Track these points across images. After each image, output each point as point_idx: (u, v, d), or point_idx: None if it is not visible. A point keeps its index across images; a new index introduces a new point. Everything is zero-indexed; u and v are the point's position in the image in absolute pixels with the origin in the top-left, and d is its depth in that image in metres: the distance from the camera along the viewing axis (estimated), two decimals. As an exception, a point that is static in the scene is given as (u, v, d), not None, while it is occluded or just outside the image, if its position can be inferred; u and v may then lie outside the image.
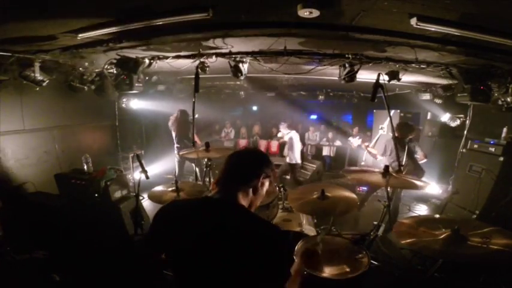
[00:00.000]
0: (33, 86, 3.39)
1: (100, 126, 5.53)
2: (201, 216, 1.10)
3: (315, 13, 1.91)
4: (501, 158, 3.71)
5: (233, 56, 3.25)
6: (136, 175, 2.92)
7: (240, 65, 3.28)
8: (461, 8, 1.84)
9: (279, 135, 6.27)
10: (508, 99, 3.54)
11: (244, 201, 1.18)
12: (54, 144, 4.45)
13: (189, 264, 1.06)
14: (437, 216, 2.65)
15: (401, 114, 6.36)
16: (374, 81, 2.79)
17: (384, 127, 6.56)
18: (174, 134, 5.77)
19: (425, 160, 4.31)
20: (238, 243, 1.02)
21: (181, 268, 1.10)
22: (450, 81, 3.75)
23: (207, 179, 3.39)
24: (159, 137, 7.22)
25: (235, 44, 2.93)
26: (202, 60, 3.23)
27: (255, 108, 11.42)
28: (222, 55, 3.25)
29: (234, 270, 1.01)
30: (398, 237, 1.79)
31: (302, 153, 5.99)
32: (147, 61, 3.47)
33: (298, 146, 5.60)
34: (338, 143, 8.23)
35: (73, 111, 4.77)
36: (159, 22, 2.13)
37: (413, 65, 3.23)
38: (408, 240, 1.73)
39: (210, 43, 2.89)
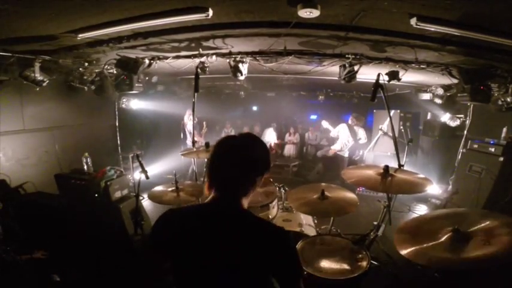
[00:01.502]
0: (33, 86, 3.39)
1: (100, 127, 5.52)
2: (206, 226, 1.04)
3: (315, 13, 1.91)
4: (501, 158, 3.70)
5: (233, 56, 3.25)
6: (136, 175, 2.92)
7: (240, 65, 3.28)
8: (461, 8, 1.84)
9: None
10: (508, 99, 3.54)
11: (245, 203, 1.12)
12: (54, 144, 4.45)
13: (198, 275, 1.03)
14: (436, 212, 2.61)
15: (402, 114, 6.34)
16: (374, 81, 2.78)
17: (384, 127, 6.54)
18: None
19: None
20: (248, 251, 0.99)
21: (188, 278, 1.06)
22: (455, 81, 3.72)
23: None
24: (159, 137, 7.20)
25: (235, 44, 2.93)
26: (202, 60, 3.24)
27: (255, 108, 11.39)
28: (222, 55, 3.25)
29: (246, 278, 1.00)
30: (398, 247, 1.74)
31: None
32: (147, 61, 3.47)
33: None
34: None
35: (73, 111, 4.76)
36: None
37: (413, 65, 3.23)
38: (409, 250, 1.65)
39: (210, 43, 2.89)
